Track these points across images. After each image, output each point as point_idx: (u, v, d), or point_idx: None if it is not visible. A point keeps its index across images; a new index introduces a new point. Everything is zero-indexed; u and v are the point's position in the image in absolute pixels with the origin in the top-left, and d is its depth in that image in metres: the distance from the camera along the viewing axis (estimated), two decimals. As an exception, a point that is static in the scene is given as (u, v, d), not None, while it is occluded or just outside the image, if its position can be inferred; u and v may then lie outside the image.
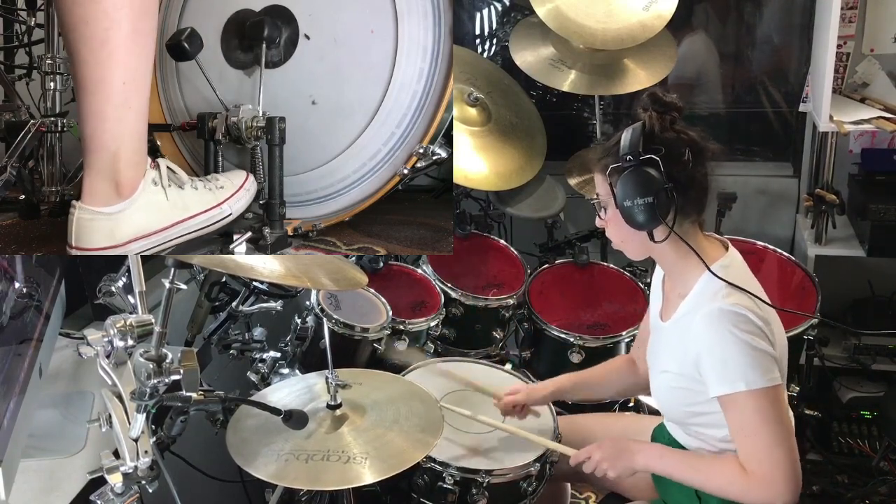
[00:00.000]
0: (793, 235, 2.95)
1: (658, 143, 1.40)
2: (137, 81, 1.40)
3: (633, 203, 1.40)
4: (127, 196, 1.43)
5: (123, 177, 1.42)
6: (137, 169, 1.44)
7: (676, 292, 1.54)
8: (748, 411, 1.38)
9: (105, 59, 1.34)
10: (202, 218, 1.51)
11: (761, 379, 1.37)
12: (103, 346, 1.25)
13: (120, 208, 1.42)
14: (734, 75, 3.11)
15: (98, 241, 1.41)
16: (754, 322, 1.39)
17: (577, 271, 2.49)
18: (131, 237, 1.43)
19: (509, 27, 2.87)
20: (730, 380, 1.38)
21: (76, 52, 1.34)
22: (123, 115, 1.39)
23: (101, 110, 1.37)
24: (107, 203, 1.41)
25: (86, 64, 1.34)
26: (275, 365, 1.91)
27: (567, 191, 2.68)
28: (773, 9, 3.02)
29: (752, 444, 1.39)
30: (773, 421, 1.37)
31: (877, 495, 2.43)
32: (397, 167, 1.67)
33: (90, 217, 1.40)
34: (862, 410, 2.62)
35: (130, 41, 1.35)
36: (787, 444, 1.38)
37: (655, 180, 1.38)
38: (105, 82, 1.35)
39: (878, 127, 2.39)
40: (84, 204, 1.40)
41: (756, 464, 1.38)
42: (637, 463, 1.53)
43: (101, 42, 1.33)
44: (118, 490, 1.20)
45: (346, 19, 1.64)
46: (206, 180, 1.56)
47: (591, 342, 2.19)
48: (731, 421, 1.42)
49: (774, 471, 1.37)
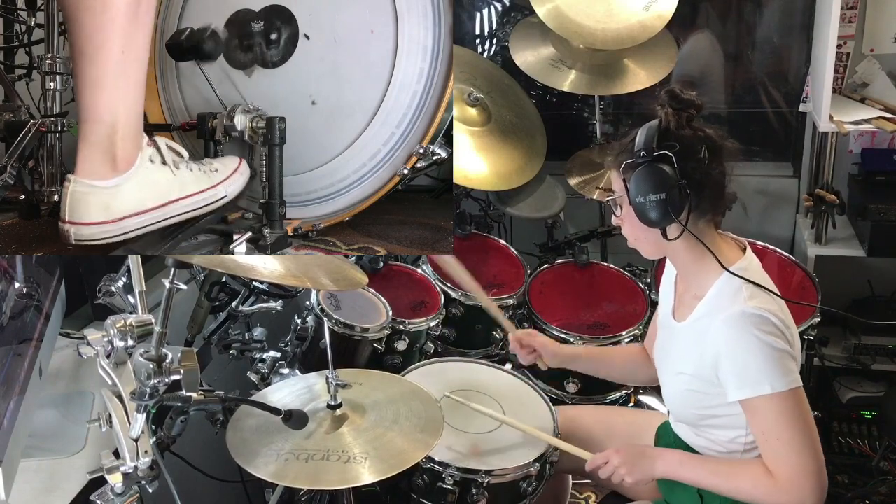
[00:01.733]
0: (793, 235, 2.95)
1: (674, 140, 1.39)
2: (136, 52, 1.39)
3: (646, 199, 1.39)
4: (123, 170, 1.41)
5: (120, 150, 1.40)
6: (134, 143, 1.43)
7: (691, 293, 1.52)
8: (773, 414, 1.37)
9: (106, 24, 1.33)
10: (198, 198, 1.50)
11: (784, 381, 1.36)
12: (103, 346, 1.25)
13: (116, 182, 1.41)
14: (734, 75, 3.11)
15: (92, 215, 1.39)
16: (776, 324, 1.38)
17: (577, 271, 2.49)
18: (127, 213, 1.42)
19: (509, 27, 2.87)
20: (753, 383, 1.37)
21: (75, 19, 1.33)
22: (121, 85, 1.38)
23: (100, 78, 1.36)
24: (103, 177, 1.40)
25: (85, 29, 1.33)
26: (275, 365, 1.91)
27: (567, 191, 2.67)
28: (774, 9, 3.02)
29: (778, 447, 1.38)
30: (797, 423, 1.37)
31: (877, 495, 2.43)
32: (397, 167, 1.67)
33: (85, 190, 1.39)
34: (862, 410, 2.62)
35: (132, 9, 1.35)
36: (812, 447, 1.37)
37: (668, 176, 1.37)
38: (104, 49, 1.34)
39: (878, 127, 2.39)
40: (79, 177, 1.39)
41: (782, 467, 1.38)
42: (657, 469, 1.53)
43: (103, 7, 1.32)
44: (118, 490, 1.20)
45: (346, 19, 1.64)
46: (202, 163, 1.56)
47: (591, 342, 2.19)
48: (755, 424, 1.41)
49: (801, 473, 1.36)
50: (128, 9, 1.34)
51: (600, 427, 1.81)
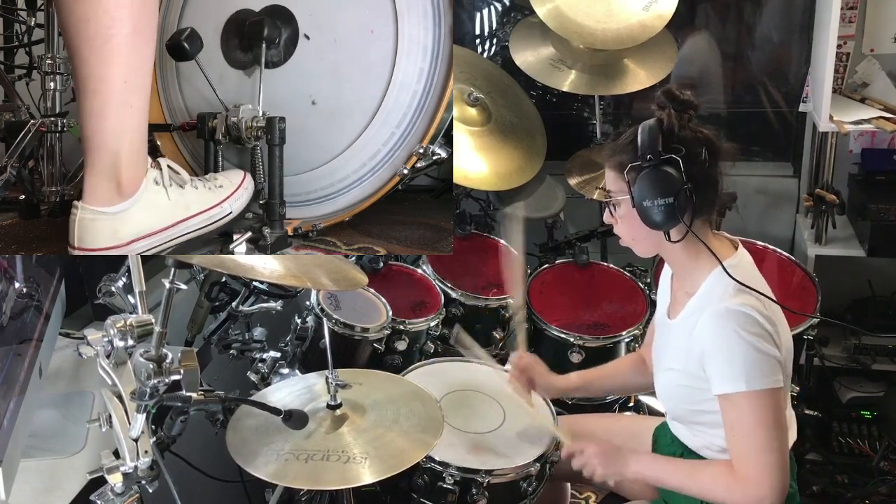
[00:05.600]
0: (793, 235, 2.95)
1: (676, 142, 1.39)
2: (138, 80, 1.40)
3: (654, 203, 1.39)
4: (129, 195, 1.43)
5: (125, 176, 1.42)
6: (139, 168, 1.44)
7: (684, 291, 1.54)
8: (744, 411, 1.38)
9: (106, 57, 1.34)
10: (203, 217, 1.51)
11: (761, 381, 1.36)
12: (103, 346, 1.25)
13: (122, 208, 1.42)
14: (734, 75, 3.11)
15: (101, 242, 1.41)
16: (761, 323, 1.38)
17: (577, 271, 2.49)
18: (134, 237, 1.43)
19: (509, 27, 2.87)
20: (731, 379, 1.38)
21: (77, 52, 1.34)
22: (125, 113, 1.39)
23: (103, 109, 1.37)
24: (109, 203, 1.41)
25: (87, 63, 1.34)
26: (275, 365, 1.91)
27: (567, 191, 2.67)
28: (773, 9, 3.02)
29: (745, 444, 1.39)
30: (768, 424, 1.37)
31: (877, 495, 2.43)
32: (397, 167, 1.67)
33: (92, 217, 1.40)
34: (862, 410, 2.62)
35: (132, 40, 1.36)
36: (779, 449, 1.38)
37: (675, 180, 1.38)
38: (106, 81, 1.36)
39: (878, 127, 2.39)
40: (86, 204, 1.40)
41: (745, 465, 1.38)
42: (629, 468, 1.54)
43: (103, 40, 1.33)
44: (118, 490, 1.20)
45: (346, 19, 1.64)
46: (206, 180, 1.56)
47: (590, 342, 2.19)
48: (726, 420, 1.42)
49: (762, 474, 1.36)
50: (128, 40, 1.35)
51: (599, 431, 1.82)
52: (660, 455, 1.60)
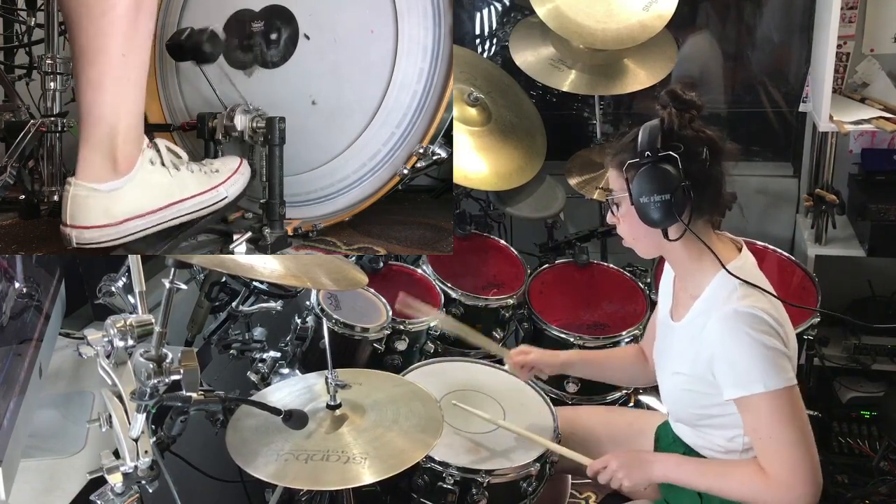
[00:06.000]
0: (793, 235, 2.95)
1: (676, 141, 1.39)
2: (137, 55, 1.39)
3: (650, 200, 1.39)
4: (124, 173, 1.42)
5: (121, 152, 1.40)
6: (135, 145, 1.43)
7: (688, 293, 1.53)
8: (765, 413, 1.37)
9: (106, 27, 1.33)
10: (198, 200, 1.50)
11: (777, 380, 1.36)
12: (103, 346, 1.25)
13: (116, 185, 1.41)
14: (734, 75, 3.11)
15: (94, 219, 1.39)
16: (769, 323, 1.38)
17: (577, 271, 2.49)
18: (127, 216, 1.42)
19: (509, 27, 2.87)
20: (746, 382, 1.37)
21: (76, 22, 1.34)
22: (122, 87, 1.38)
23: (100, 80, 1.36)
24: (103, 179, 1.40)
25: (85, 33, 1.34)
26: (275, 365, 1.91)
27: (567, 191, 2.67)
28: (773, 9, 3.02)
29: (771, 445, 1.38)
30: (790, 421, 1.37)
31: (877, 495, 2.43)
32: (397, 167, 1.67)
33: (86, 194, 1.39)
34: (862, 410, 2.61)
35: (132, 13, 1.35)
36: (805, 445, 1.37)
37: (673, 177, 1.38)
38: (104, 52, 1.35)
39: (878, 127, 2.39)
40: (80, 180, 1.39)
41: (775, 466, 1.38)
42: (655, 473, 1.53)
43: (103, 11, 1.32)
44: (118, 490, 1.20)
45: (346, 19, 1.64)
46: (202, 164, 1.56)
47: (590, 342, 2.19)
48: (748, 423, 1.41)
49: (794, 472, 1.36)
50: (127, 13, 1.34)
51: (600, 427, 1.82)
52: (685, 457, 1.58)
